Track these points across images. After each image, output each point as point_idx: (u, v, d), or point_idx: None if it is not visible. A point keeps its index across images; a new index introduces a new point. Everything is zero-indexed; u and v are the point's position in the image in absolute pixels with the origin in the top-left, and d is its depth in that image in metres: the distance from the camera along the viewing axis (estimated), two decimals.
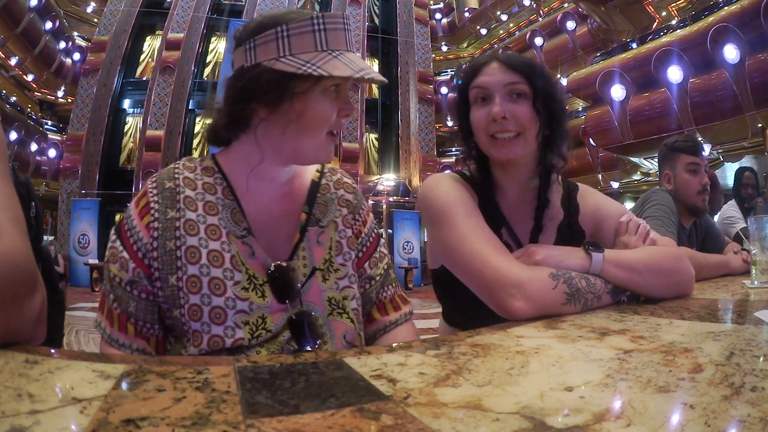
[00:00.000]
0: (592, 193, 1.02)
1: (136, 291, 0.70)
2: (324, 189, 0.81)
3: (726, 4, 6.84)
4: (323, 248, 0.78)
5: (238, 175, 0.76)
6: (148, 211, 0.71)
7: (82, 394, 0.36)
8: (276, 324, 0.70)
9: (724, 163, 8.54)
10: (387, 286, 0.84)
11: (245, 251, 0.72)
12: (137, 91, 12.59)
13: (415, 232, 11.73)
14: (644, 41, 8.14)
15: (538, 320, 0.69)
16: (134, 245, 0.70)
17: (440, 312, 1.08)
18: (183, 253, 0.69)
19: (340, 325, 0.75)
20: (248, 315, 0.69)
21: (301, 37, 0.67)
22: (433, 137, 13.62)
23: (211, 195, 0.74)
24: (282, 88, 0.67)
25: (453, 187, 0.91)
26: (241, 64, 0.70)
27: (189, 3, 12.84)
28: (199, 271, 0.69)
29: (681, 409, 0.36)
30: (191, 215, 0.72)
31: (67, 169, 11.70)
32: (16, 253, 0.48)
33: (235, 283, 0.70)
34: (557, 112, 0.90)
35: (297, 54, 0.67)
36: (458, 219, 0.84)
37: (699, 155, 1.72)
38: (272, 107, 0.69)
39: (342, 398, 0.38)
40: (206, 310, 0.68)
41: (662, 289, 0.85)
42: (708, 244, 1.81)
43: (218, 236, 0.72)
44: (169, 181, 0.74)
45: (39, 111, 14.05)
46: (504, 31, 16.09)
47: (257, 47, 0.68)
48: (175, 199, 0.72)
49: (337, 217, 0.80)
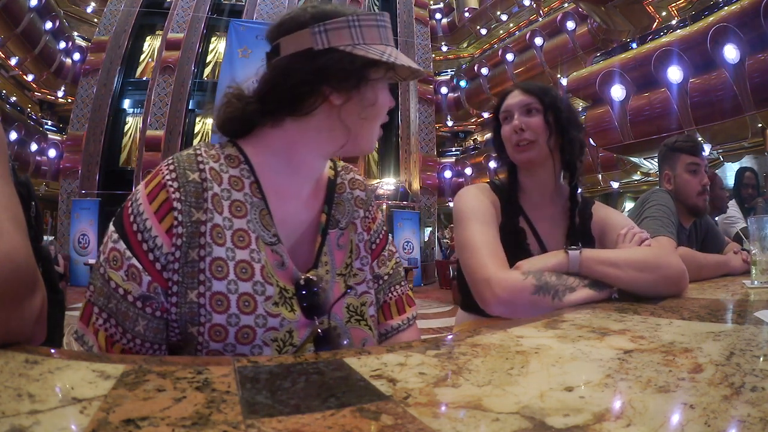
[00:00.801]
0: (605, 207, 1.18)
1: (150, 309, 0.60)
2: (340, 188, 0.78)
3: (726, 4, 6.84)
4: (344, 252, 0.74)
5: (268, 166, 0.69)
6: (169, 210, 0.61)
7: (82, 394, 0.36)
8: (301, 338, 0.65)
9: (724, 163, 8.54)
10: (394, 286, 0.81)
11: (274, 261, 0.65)
12: (137, 91, 12.59)
13: (415, 232, 11.73)
14: (644, 41, 8.14)
15: (538, 320, 0.69)
16: (150, 253, 0.60)
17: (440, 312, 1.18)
18: (207, 266, 0.60)
19: (358, 332, 0.72)
20: (278, 332, 0.63)
21: (370, 29, 0.67)
22: (433, 137, 13.61)
23: (237, 192, 0.66)
24: (362, 74, 0.66)
25: (476, 197, 1.10)
26: (309, 47, 0.65)
27: (189, 3, 12.84)
28: (227, 288, 0.61)
29: (681, 409, 0.36)
30: (218, 219, 0.63)
31: (67, 169, 11.70)
32: (16, 253, 0.48)
33: (266, 298, 0.63)
34: (565, 122, 1.10)
35: (369, 44, 0.67)
36: (470, 225, 1.03)
37: (699, 155, 1.72)
38: (347, 92, 0.67)
39: (342, 398, 0.38)
40: (233, 331, 0.60)
41: (649, 284, 0.89)
42: (708, 244, 1.81)
43: (247, 243, 0.64)
44: (193, 173, 0.63)
45: (39, 111, 14.06)
46: (504, 31, 16.08)
47: (329, 32, 0.65)
48: (202, 197, 0.62)
49: (356, 219, 0.77)
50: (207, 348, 0.60)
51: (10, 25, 11.58)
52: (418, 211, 12.10)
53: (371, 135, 0.72)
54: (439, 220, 14.02)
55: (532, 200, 1.14)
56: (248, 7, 13.06)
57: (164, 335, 0.61)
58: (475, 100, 15.65)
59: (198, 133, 12.37)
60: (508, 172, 1.18)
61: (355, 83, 0.66)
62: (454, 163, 14.60)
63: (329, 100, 0.67)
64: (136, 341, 0.60)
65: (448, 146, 16.82)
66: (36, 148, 11.84)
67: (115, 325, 0.59)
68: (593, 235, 1.13)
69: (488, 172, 13.08)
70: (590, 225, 1.13)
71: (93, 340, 0.60)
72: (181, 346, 0.62)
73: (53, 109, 14.97)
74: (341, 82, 0.66)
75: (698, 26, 7.04)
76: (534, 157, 1.10)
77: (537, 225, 1.12)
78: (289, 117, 0.68)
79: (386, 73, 0.70)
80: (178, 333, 0.62)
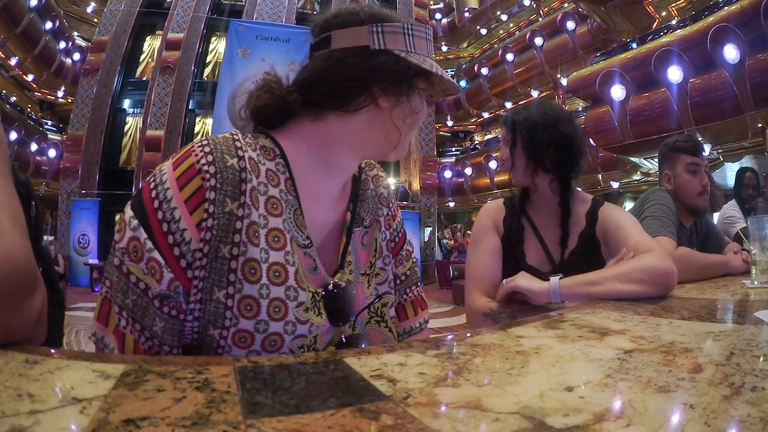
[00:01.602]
0: (611, 208, 1.20)
1: (167, 308, 0.55)
2: (364, 185, 0.76)
3: (726, 4, 6.83)
4: (368, 251, 0.72)
5: (303, 163, 0.65)
6: (201, 201, 0.55)
7: (82, 394, 0.36)
8: (324, 342, 0.63)
9: (724, 163, 8.53)
10: (411, 287, 0.80)
11: (307, 265, 0.63)
12: (137, 91, 12.58)
13: (415, 232, 11.72)
14: (644, 41, 8.13)
15: (538, 320, 0.69)
16: (176, 247, 0.54)
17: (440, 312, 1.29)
18: (240, 267, 0.56)
19: (378, 334, 0.70)
20: (306, 339, 0.60)
21: (420, 40, 0.67)
22: (433, 137, 13.61)
23: (273, 187, 0.61)
24: (413, 82, 0.67)
25: (482, 218, 1.24)
26: (365, 44, 0.64)
27: (189, 3, 12.83)
28: (258, 292, 0.56)
29: (681, 409, 0.36)
30: (255, 215, 0.58)
31: (67, 169, 11.69)
32: (16, 253, 0.48)
33: (298, 304, 0.59)
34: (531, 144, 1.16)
35: (419, 54, 0.67)
36: (470, 252, 1.24)
37: (699, 155, 1.72)
38: (397, 96, 0.66)
39: (342, 398, 0.38)
40: (260, 338, 0.56)
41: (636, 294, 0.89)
42: (708, 244, 1.81)
43: (282, 244, 0.60)
44: (232, 158, 0.58)
45: (39, 111, 14.05)
46: (504, 31, 16.08)
47: (386, 34, 0.64)
48: (240, 188, 0.57)
49: (380, 216, 0.76)
50: (229, 353, 0.56)
51: (10, 25, 11.57)
52: (418, 212, 12.10)
53: (407, 141, 0.71)
54: (439, 220, 14.02)
55: (537, 209, 1.23)
56: (248, 7, 13.05)
57: (179, 338, 0.57)
58: (475, 100, 15.65)
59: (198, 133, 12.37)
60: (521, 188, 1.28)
61: (405, 89, 0.66)
62: (454, 163, 14.59)
63: (377, 102, 0.65)
64: (154, 341, 0.55)
65: (448, 146, 16.81)
66: (36, 148, 11.83)
67: (133, 323, 0.55)
68: (598, 237, 1.15)
69: (488, 172, 13.09)
70: (595, 228, 1.16)
71: (115, 344, 0.55)
72: (196, 348, 0.58)
73: (53, 109, 14.96)
74: (392, 85, 0.65)
75: (698, 26, 7.04)
76: (517, 182, 1.22)
77: (542, 229, 1.20)
78: (333, 112, 0.65)
79: (429, 84, 0.70)
80: (196, 333, 0.57)
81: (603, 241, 1.15)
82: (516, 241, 1.19)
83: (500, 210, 1.24)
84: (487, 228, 1.22)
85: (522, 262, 1.17)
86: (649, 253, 0.96)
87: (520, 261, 1.17)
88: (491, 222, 1.22)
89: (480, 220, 1.25)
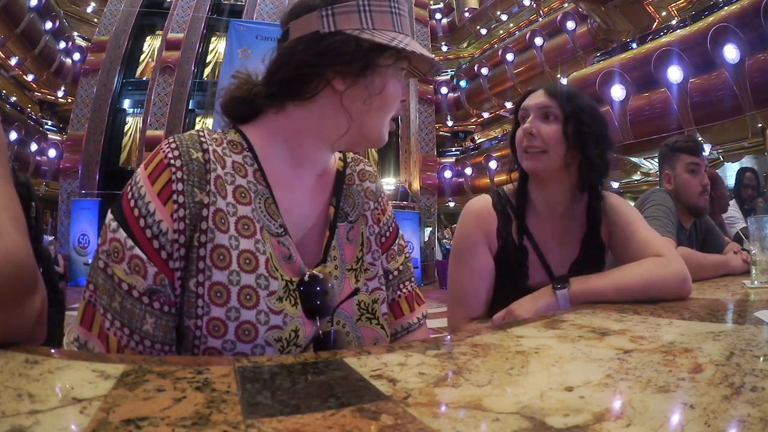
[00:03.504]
0: (613, 198, 1.08)
1: (158, 303, 0.55)
2: (349, 179, 0.75)
3: (726, 4, 6.83)
4: (354, 246, 0.71)
5: (272, 155, 0.66)
6: (172, 192, 0.56)
7: (82, 394, 0.36)
8: (306, 338, 0.61)
9: (724, 163, 8.53)
10: (404, 282, 0.77)
11: (281, 253, 0.62)
12: (137, 91, 12.57)
13: (415, 232, 11.72)
14: (644, 41, 8.13)
15: (538, 320, 0.69)
16: (155, 240, 0.55)
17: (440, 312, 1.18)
18: (208, 253, 0.56)
19: (369, 332, 0.68)
20: (282, 330, 0.59)
21: (382, 15, 0.65)
22: (433, 137, 13.61)
23: (241, 177, 0.62)
24: (369, 59, 0.63)
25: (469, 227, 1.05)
26: (315, 30, 0.63)
27: (189, 3, 12.83)
28: (228, 278, 0.56)
29: (681, 409, 0.36)
30: (222, 203, 0.59)
31: (67, 169, 11.69)
32: (16, 253, 0.48)
33: (270, 293, 0.59)
34: (586, 137, 0.98)
35: (380, 30, 0.64)
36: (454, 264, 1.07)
37: (699, 155, 1.72)
38: (352, 78, 0.64)
39: (342, 398, 0.38)
40: (233, 327, 0.56)
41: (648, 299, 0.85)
42: (708, 244, 1.81)
43: (251, 232, 0.60)
44: (197, 152, 0.60)
45: (39, 111, 14.03)
46: (504, 31, 16.07)
47: (336, 15, 0.63)
48: (205, 179, 0.59)
49: (366, 211, 0.74)
50: (205, 344, 0.55)
51: (10, 25, 11.56)
52: (418, 211, 12.10)
53: (378, 126, 0.68)
54: (439, 220, 14.02)
55: (539, 216, 1.06)
56: (248, 7, 13.05)
57: (174, 334, 0.57)
58: (475, 100, 15.64)
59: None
60: (519, 178, 1.09)
61: (360, 68, 0.63)
62: (454, 163, 14.58)
63: (332, 85, 0.64)
64: (145, 342, 0.55)
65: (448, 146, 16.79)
66: (36, 148, 11.82)
67: (121, 327, 0.54)
68: (603, 239, 1.06)
69: (488, 172, 13.08)
70: (600, 229, 1.05)
71: (100, 346, 0.55)
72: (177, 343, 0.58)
73: (53, 109, 14.95)
74: (345, 66, 0.63)
75: (698, 26, 7.04)
76: (541, 169, 1.01)
77: (542, 245, 1.05)
78: (292, 102, 0.65)
79: (397, 61, 0.67)
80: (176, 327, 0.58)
81: (608, 239, 1.05)
82: (516, 262, 1.03)
83: (491, 215, 1.05)
84: (477, 241, 1.03)
85: (522, 285, 1.01)
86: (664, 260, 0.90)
87: (519, 284, 1.02)
88: (481, 234, 1.04)
89: (467, 227, 1.05)
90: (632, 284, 0.86)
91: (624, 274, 0.89)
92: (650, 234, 1.00)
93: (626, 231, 1.01)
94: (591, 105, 1.03)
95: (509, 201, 1.08)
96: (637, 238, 0.98)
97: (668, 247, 0.97)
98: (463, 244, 1.06)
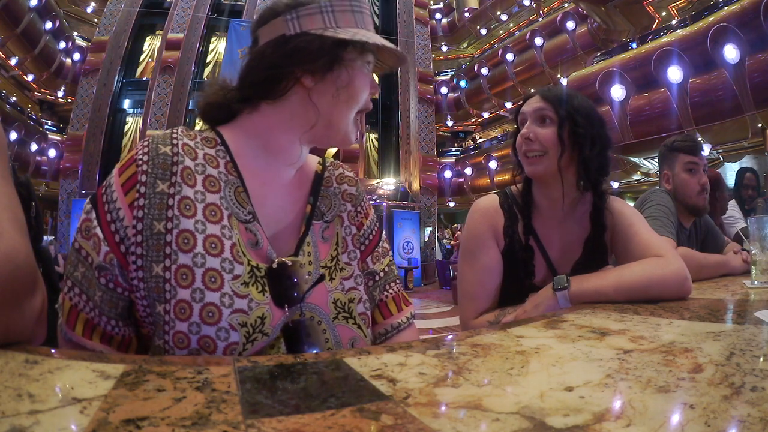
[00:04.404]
0: (616, 202, 1.09)
1: (104, 279, 0.60)
2: (327, 182, 0.79)
3: (726, 4, 6.84)
4: (329, 245, 0.73)
5: (244, 149, 0.70)
6: (134, 184, 0.62)
7: (82, 394, 0.36)
8: (273, 327, 0.62)
9: (724, 163, 8.54)
10: (390, 283, 0.80)
11: (248, 239, 0.65)
12: (137, 91, 12.58)
13: (415, 232, 11.72)
14: (644, 41, 8.13)
15: (538, 320, 0.69)
16: (111, 224, 0.61)
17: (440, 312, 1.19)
18: (174, 238, 0.60)
19: (346, 331, 0.69)
20: (246, 315, 0.61)
21: (344, 14, 0.70)
22: (433, 137, 13.61)
23: (212, 168, 0.67)
24: (334, 55, 0.68)
25: (477, 223, 1.08)
26: (282, 33, 0.68)
27: (189, 3, 12.83)
28: (192, 261, 0.60)
29: (681, 409, 0.36)
30: (188, 192, 0.63)
31: (67, 169, 11.69)
32: (16, 253, 0.48)
33: (234, 277, 0.61)
34: (582, 138, 1.01)
35: (342, 27, 0.69)
36: (464, 261, 1.09)
37: (698, 155, 1.72)
38: (320, 74, 0.68)
39: (342, 398, 0.38)
40: (197, 308, 0.59)
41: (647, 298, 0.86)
42: (708, 244, 1.81)
43: (218, 218, 0.63)
44: (165, 146, 0.65)
45: (39, 111, 14.04)
46: (504, 31, 16.08)
47: (301, 18, 0.68)
48: (171, 171, 0.63)
49: (342, 212, 0.77)
50: (173, 328, 0.58)
51: (10, 25, 11.57)
52: (418, 211, 12.10)
53: (345, 120, 0.71)
54: (439, 220, 14.02)
55: (543, 217, 1.08)
56: (248, 7, 13.05)
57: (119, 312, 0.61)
58: (475, 100, 15.65)
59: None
60: (523, 181, 1.12)
61: (326, 64, 0.67)
62: (454, 163, 14.59)
63: (301, 83, 0.68)
64: (95, 311, 0.61)
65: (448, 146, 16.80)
66: (36, 148, 11.83)
67: (79, 294, 0.61)
68: (606, 242, 1.07)
69: (488, 172, 13.08)
70: (603, 234, 1.06)
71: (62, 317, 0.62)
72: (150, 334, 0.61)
73: (53, 109, 14.96)
74: (312, 63, 0.67)
75: (698, 26, 7.04)
76: (541, 171, 1.04)
77: (546, 245, 1.07)
78: (265, 101, 0.70)
79: (362, 55, 0.71)
80: (149, 314, 0.61)
81: (610, 241, 1.06)
82: (522, 260, 1.05)
83: (498, 214, 1.08)
84: (485, 237, 1.06)
85: (527, 282, 1.04)
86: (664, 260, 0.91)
87: (524, 281, 1.04)
88: (490, 230, 1.07)
89: (476, 223, 1.08)
90: (632, 283, 0.87)
91: (624, 273, 0.90)
92: (651, 235, 1.01)
93: (627, 233, 1.03)
94: (585, 106, 1.05)
95: (516, 201, 1.10)
96: (638, 240, 1.00)
97: (668, 247, 0.98)
98: (472, 240, 1.08)
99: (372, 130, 13.40)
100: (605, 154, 1.04)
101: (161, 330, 0.59)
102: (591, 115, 1.04)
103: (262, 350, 0.62)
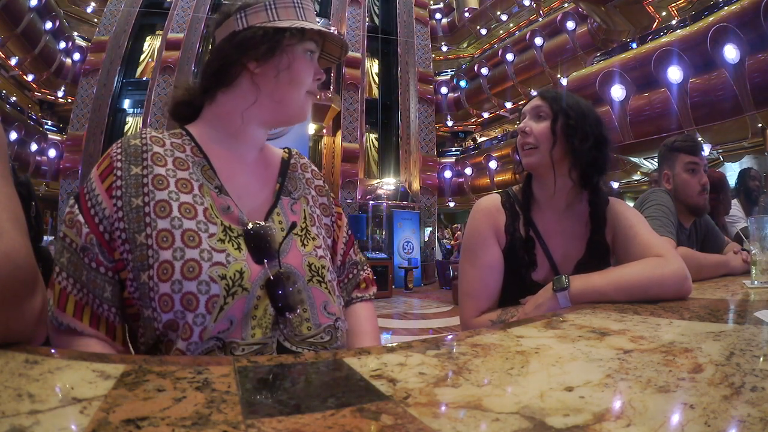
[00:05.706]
0: (618, 204, 1.11)
1: (87, 258, 0.67)
2: (293, 167, 0.88)
3: (726, 4, 6.83)
4: (298, 217, 0.81)
5: (207, 136, 0.79)
6: (111, 171, 0.70)
7: (82, 394, 0.36)
8: (252, 282, 0.68)
9: (724, 163, 8.53)
10: (363, 269, 0.96)
11: (219, 205, 0.72)
12: (137, 91, 12.57)
13: (415, 232, 11.72)
14: (644, 41, 8.13)
15: (538, 320, 0.69)
16: (91, 209, 0.68)
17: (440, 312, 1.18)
18: (152, 209, 0.67)
19: (319, 294, 0.75)
20: (225, 268, 0.66)
21: (286, 9, 0.80)
22: (433, 137, 13.60)
23: (180, 152, 0.76)
24: (275, 41, 0.77)
25: (479, 222, 1.10)
26: (233, 29, 0.78)
27: (189, 3, 12.83)
28: (171, 224, 0.67)
29: (681, 409, 0.36)
30: (160, 170, 0.71)
31: (67, 169, 11.69)
32: (17, 253, 0.48)
33: (210, 235, 0.68)
34: (572, 131, 1.05)
35: (284, 20, 0.79)
36: (465, 259, 1.11)
37: (698, 155, 1.72)
38: (264, 59, 0.77)
39: (342, 398, 0.38)
40: (178, 266, 0.64)
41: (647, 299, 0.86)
42: (708, 244, 1.81)
43: (190, 189, 0.72)
44: (135, 140, 0.74)
45: (39, 111, 14.04)
46: (504, 31, 16.07)
47: (248, 15, 0.78)
48: (141, 156, 0.72)
49: (308, 194, 0.86)
50: (157, 293, 0.64)
51: (10, 25, 11.57)
52: (418, 211, 12.09)
53: (293, 99, 0.80)
54: (439, 220, 14.01)
55: (542, 210, 1.11)
56: None
57: (105, 294, 0.67)
58: (475, 100, 15.65)
59: None
60: (525, 179, 1.15)
61: (268, 51, 0.76)
62: (454, 163, 14.58)
63: (248, 68, 0.78)
64: (84, 291, 0.66)
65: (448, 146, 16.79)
66: (36, 148, 11.82)
67: (67, 278, 0.66)
68: (607, 242, 1.08)
69: (488, 172, 13.08)
70: (605, 232, 1.07)
71: (50, 296, 0.66)
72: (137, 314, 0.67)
73: (53, 109, 14.96)
74: (255, 50, 0.76)
75: (698, 26, 7.04)
76: (534, 164, 1.08)
77: (547, 239, 1.08)
78: (220, 90, 0.79)
79: (302, 42, 0.80)
80: (136, 289, 0.66)
81: (612, 242, 1.07)
82: (523, 258, 1.06)
83: (499, 212, 1.10)
84: (486, 236, 1.08)
85: (528, 279, 1.05)
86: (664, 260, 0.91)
87: (525, 277, 1.06)
88: (491, 228, 1.09)
89: (477, 222, 1.10)
90: (632, 283, 0.87)
91: (624, 272, 0.91)
92: (651, 236, 1.02)
93: (628, 234, 1.04)
94: (579, 103, 1.10)
95: (517, 199, 1.14)
96: (639, 240, 1.00)
97: (668, 247, 0.98)
98: (474, 239, 1.10)
99: (372, 130, 13.39)
100: (601, 151, 1.06)
101: (147, 298, 0.65)
102: (585, 111, 1.08)
103: (247, 310, 0.66)
